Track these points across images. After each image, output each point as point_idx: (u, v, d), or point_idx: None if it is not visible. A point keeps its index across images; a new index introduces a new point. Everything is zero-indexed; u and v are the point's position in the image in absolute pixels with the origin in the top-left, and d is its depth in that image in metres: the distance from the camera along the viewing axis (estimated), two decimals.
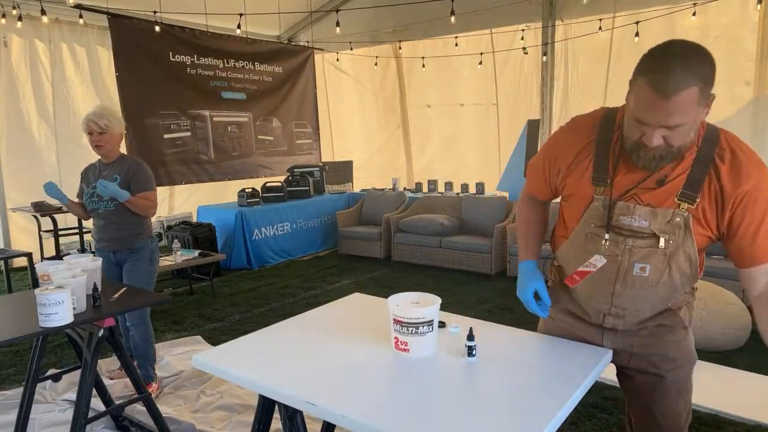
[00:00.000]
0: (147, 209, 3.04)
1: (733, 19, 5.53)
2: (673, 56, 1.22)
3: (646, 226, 1.37)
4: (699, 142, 1.33)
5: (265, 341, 1.61)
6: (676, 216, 1.34)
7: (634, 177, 1.38)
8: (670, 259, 1.38)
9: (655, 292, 1.43)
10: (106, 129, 2.93)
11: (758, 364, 3.31)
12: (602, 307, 1.52)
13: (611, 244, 1.42)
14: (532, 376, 1.35)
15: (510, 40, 6.92)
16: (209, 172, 6.93)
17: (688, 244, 1.36)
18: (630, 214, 1.38)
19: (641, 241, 1.39)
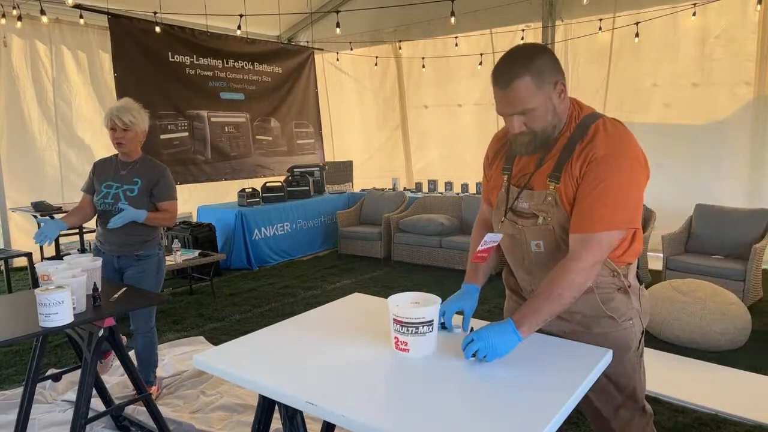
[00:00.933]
0: (167, 221, 2.88)
1: (734, 19, 5.53)
2: (508, 54, 1.45)
3: (526, 207, 1.54)
4: (571, 130, 1.48)
5: (265, 341, 1.61)
6: (547, 196, 1.49)
7: (526, 165, 1.57)
8: (557, 237, 1.51)
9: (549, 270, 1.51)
10: (130, 126, 2.71)
11: (758, 364, 3.31)
12: (525, 284, 1.70)
13: (509, 224, 1.60)
14: (532, 376, 1.35)
15: (510, 40, 6.92)
16: (206, 172, 6.93)
17: (563, 218, 1.48)
18: (517, 197, 1.57)
19: (527, 221, 1.55)
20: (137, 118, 2.74)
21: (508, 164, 1.63)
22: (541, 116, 1.44)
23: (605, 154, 1.40)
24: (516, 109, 1.43)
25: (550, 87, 1.42)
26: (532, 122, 1.45)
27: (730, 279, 4.17)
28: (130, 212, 2.68)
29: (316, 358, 1.47)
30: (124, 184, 2.78)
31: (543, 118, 1.44)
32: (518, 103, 1.41)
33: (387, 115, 8.52)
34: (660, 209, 5.48)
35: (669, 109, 5.99)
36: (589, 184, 1.41)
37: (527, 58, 1.41)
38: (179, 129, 6.60)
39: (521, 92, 1.40)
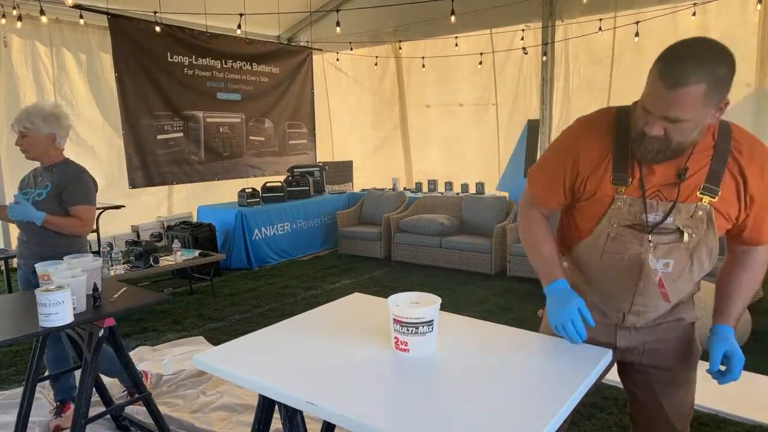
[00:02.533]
0: (73, 228, 2.61)
1: (734, 19, 5.53)
2: (689, 48, 1.22)
3: (670, 222, 1.38)
4: (715, 136, 1.35)
5: (265, 341, 1.61)
6: (698, 210, 1.35)
7: (656, 175, 1.38)
8: (692, 253, 1.40)
9: (675, 286, 1.46)
10: (27, 132, 2.55)
11: (758, 364, 3.31)
12: (623, 306, 1.52)
13: (632, 240, 1.41)
14: (532, 376, 1.35)
15: (510, 40, 6.92)
16: (199, 172, 6.95)
17: (711, 237, 1.38)
18: (654, 211, 1.38)
19: (665, 237, 1.39)
20: (35, 123, 2.55)
21: (621, 173, 1.39)
22: (688, 130, 1.26)
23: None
24: (669, 114, 1.24)
25: (715, 104, 1.24)
26: (675, 132, 1.26)
27: None
28: (26, 209, 2.49)
29: (316, 358, 1.47)
30: (37, 189, 2.63)
31: (688, 133, 1.27)
32: (677, 109, 1.22)
33: (386, 115, 8.52)
34: None
35: None
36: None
37: (712, 64, 1.19)
38: (175, 129, 6.61)
39: (687, 99, 1.20)
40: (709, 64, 1.19)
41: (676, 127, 1.25)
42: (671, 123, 1.25)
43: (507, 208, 5.87)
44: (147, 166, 6.33)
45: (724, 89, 1.22)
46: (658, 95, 1.24)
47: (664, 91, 1.22)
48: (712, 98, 1.21)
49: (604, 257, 1.47)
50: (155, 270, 4.60)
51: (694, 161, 1.34)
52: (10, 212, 2.52)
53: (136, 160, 6.21)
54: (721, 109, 1.26)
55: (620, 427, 2.64)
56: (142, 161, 6.27)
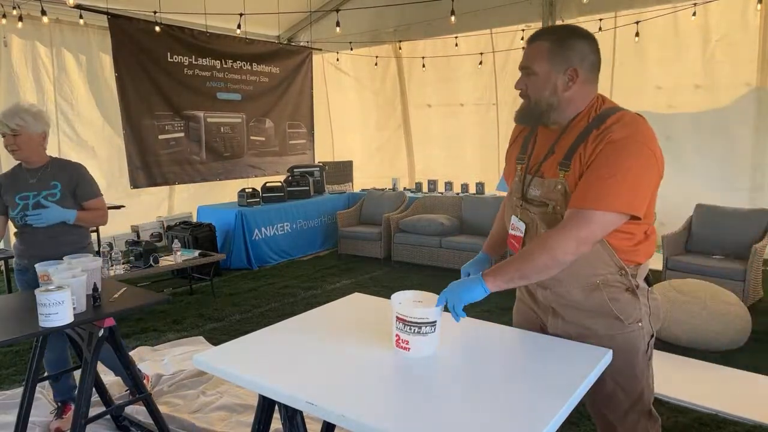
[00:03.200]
0: (99, 219, 2.67)
1: (734, 20, 5.54)
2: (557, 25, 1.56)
3: (538, 195, 1.54)
4: (589, 119, 1.48)
5: (265, 341, 1.61)
6: (557, 184, 1.48)
7: (539, 152, 1.58)
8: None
9: None
10: (18, 130, 2.47)
11: (758, 364, 3.31)
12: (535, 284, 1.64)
13: (522, 212, 1.60)
14: (532, 376, 1.35)
15: (510, 40, 6.92)
16: (200, 172, 6.96)
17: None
18: (529, 184, 1.57)
19: (537, 209, 1.55)
20: (27, 121, 2.50)
21: (522, 153, 1.65)
22: (539, 85, 1.49)
23: (621, 138, 1.38)
24: (523, 63, 1.51)
25: (560, 67, 1.46)
26: (531, 88, 1.50)
27: (730, 279, 4.17)
28: (57, 211, 2.49)
29: (316, 358, 1.47)
30: (42, 190, 2.56)
31: (540, 89, 1.49)
32: (527, 60, 1.50)
33: (387, 115, 8.52)
34: (660, 209, 5.47)
35: (671, 110, 5.99)
36: (597, 163, 1.39)
37: (564, 33, 1.49)
38: (176, 129, 6.61)
39: (534, 52, 1.49)
40: (558, 31, 1.50)
41: (531, 80, 1.49)
42: (528, 76, 1.50)
43: None
44: (149, 166, 6.33)
45: (569, 54, 1.46)
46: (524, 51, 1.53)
47: (526, 46, 1.53)
48: (557, 58, 1.46)
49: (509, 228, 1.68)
50: (155, 270, 4.60)
51: (563, 140, 1.51)
52: (43, 218, 2.46)
53: (137, 160, 6.21)
54: (571, 79, 1.46)
55: None
56: (143, 161, 6.27)
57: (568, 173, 1.45)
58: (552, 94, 1.48)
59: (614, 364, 1.49)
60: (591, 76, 1.51)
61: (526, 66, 1.50)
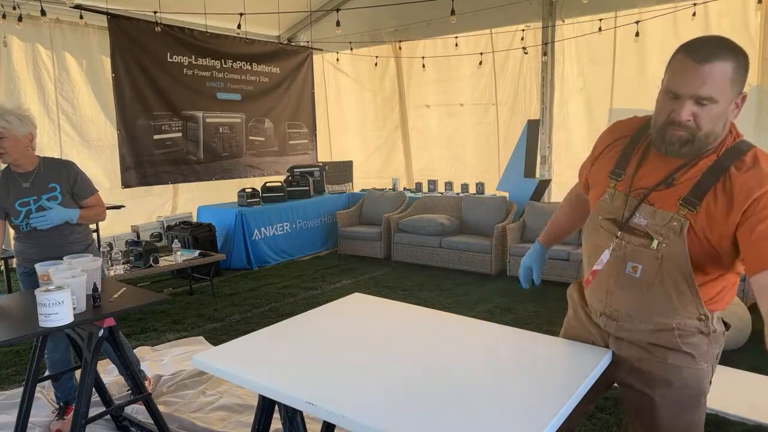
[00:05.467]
0: (99, 216, 2.69)
1: (734, 20, 5.53)
2: (712, 36, 1.27)
3: (643, 224, 1.37)
4: (720, 152, 1.31)
5: (265, 341, 1.61)
6: (673, 220, 1.32)
7: (652, 178, 1.38)
8: (662, 264, 1.35)
9: (648, 299, 1.40)
10: (3, 132, 2.40)
11: (758, 364, 3.31)
12: (598, 305, 1.53)
13: (609, 235, 1.44)
14: (533, 376, 1.35)
15: (510, 40, 6.92)
16: (197, 172, 6.94)
17: (681, 251, 1.32)
18: (632, 208, 1.39)
19: (635, 239, 1.38)
20: (11, 122, 2.42)
21: (620, 169, 1.43)
22: (715, 117, 1.25)
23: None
24: (702, 91, 1.22)
25: (737, 92, 1.26)
26: (703, 117, 1.25)
27: None
28: (61, 211, 2.49)
29: (316, 358, 1.47)
30: (42, 195, 2.53)
31: (715, 121, 1.26)
32: (708, 87, 1.22)
33: (387, 115, 8.52)
34: None
35: None
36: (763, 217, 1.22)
37: (737, 48, 1.25)
38: (173, 129, 6.60)
39: (717, 75, 1.22)
40: (732, 47, 1.24)
41: (705, 111, 1.24)
42: (701, 106, 1.24)
43: (507, 208, 5.87)
44: (141, 166, 6.31)
45: (743, 78, 1.24)
46: (689, 72, 1.23)
47: (697, 66, 1.22)
48: (737, 82, 1.23)
49: (590, 247, 1.51)
50: (155, 270, 4.60)
51: (688, 172, 1.33)
52: (47, 219, 2.45)
53: (129, 160, 6.18)
54: (738, 105, 1.27)
55: (620, 426, 2.64)
56: (136, 161, 6.25)
57: (694, 213, 1.29)
58: (723, 125, 1.28)
59: (680, 396, 1.44)
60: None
61: (708, 96, 1.22)
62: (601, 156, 1.51)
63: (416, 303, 2.56)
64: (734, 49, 1.24)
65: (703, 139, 1.28)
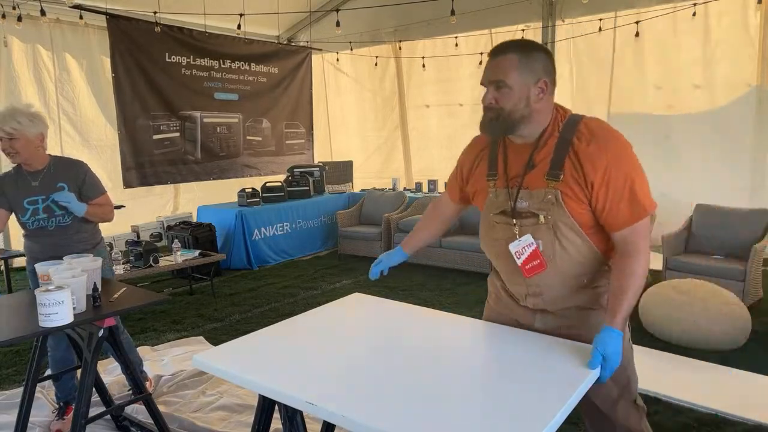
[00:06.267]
0: (107, 214, 2.68)
1: (734, 19, 5.53)
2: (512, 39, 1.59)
3: (525, 206, 1.57)
4: (559, 128, 1.55)
5: (265, 341, 1.61)
6: (547, 194, 1.52)
7: (518, 167, 1.60)
8: (555, 233, 1.53)
9: (559, 267, 1.56)
10: (15, 134, 2.41)
11: (758, 364, 3.31)
12: (520, 289, 1.67)
13: (504, 226, 1.62)
14: (532, 376, 1.35)
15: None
16: (195, 171, 6.94)
17: (564, 217, 1.52)
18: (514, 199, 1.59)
19: (526, 221, 1.57)
20: (23, 123, 2.44)
21: (492, 170, 1.67)
22: (513, 98, 1.51)
23: (616, 156, 1.47)
24: (494, 77, 1.52)
25: (531, 79, 1.50)
26: (503, 100, 1.52)
27: (730, 279, 4.17)
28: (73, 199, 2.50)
29: (316, 358, 1.47)
30: (50, 194, 2.55)
31: (514, 102, 1.51)
32: (498, 73, 1.51)
33: (386, 115, 8.52)
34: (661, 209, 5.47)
35: (671, 109, 5.99)
36: (618, 187, 1.47)
37: (526, 45, 1.54)
38: (171, 129, 6.60)
39: (505, 65, 1.50)
40: (521, 44, 1.53)
41: (502, 93, 1.51)
42: (498, 90, 1.52)
43: None
44: (142, 166, 6.32)
45: (538, 67, 1.50)
46: (488, 65, 1.55)
47: (491, 60, 1.54)
48: (527, 71, 1.49)
49: (491, 244, 1.69)
50: (155, 270, 4.60)
51: (541, 152, 1.55)
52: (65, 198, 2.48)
53: (130, 160, 6.19)
54: (543, 90, 1.51)
55: None
56: (136, 161, 6.25)
57: (560, 183, 1.51)
58: (526, 105, 1.52)
59: None
60: (554, 89, 1.56)
61: (497, 80, 1.51)
62: (473, 169, 1.74)
63: (416, 303, 2.56)
64: (524, 45, 1.52)
65: (507, 117, 1.52)
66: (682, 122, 5.94)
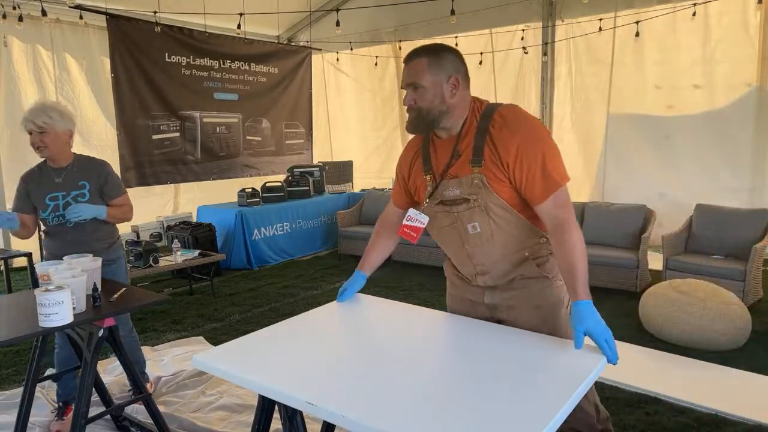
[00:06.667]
0: (127, 215, 2.72)
1: (734, 19, 5.53)
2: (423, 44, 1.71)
3: (458, 194, 1.70)
4: (477, 119, 1.67)
5: (265, 341, 1.61)
6: (474, 179, 1.66)
7: (443, 159, 1.74)
8: (488, 213, 1.67)
9: (499, 243, 1.72)
10: (46, 127, 2.47)
11: (758, 364, 3.31)
12: (470, 270, 1.82)
13: (443, 215, 1.76)
14: (532, 376, 1.35)
15: (510, 40, 6.92)
16: (195, 171, 6.94)
17: (494, 197, 1.65)
18: (446, 187, 1.72)
19: (460, 206, 1.71)
20: (54, 118, 2.50)
21: (427, 165, 1.80)
22: (428, 97, 1.65)
23: (525, 137, 1.60)
24: (409, 80, 1.67)
25: (443, 77, 1.64)
26: (420, 100, 1.66)
27: (730, 279, 4.17)
28: (89, 207, 2.54)
29: (316, 358, 1.47)
30: (71, 191, 2.59)
31: (429, 100, 1.65)
32: (413, 76, 1.66)
33: (386, 115, 8.52)
34: (661, 209, 5.48)
35: (671, 110, 5.99)
36: (530, 164, 1.59)
37: (434, 47, 1.68)
38: (171, 129, 6.60)
39: (417, 68, 1.65)
40: (430, 48, 1.67)
41: (419, 93, 1.65)
42: (415, 91, 1.65)
43: None
44: (141, 166, 6.31)
45: (447, 67, 1.64)
46: (403, 72, 1.70)
47: (405, 66, 1.69)
48: (437, 70, 1.63)
49: (437, 233, 1.83)
50: (155, 270, 4.60)
51: (464, 142, 1.69)
52: (75, 212, 2.49)
53: (129, 160, 6.19)
54: (455, 86, 1.65)
55: (620, 427, 2.64)
56: (135, 161, 6.25)
57: (482, 167, 1.64)
58: (441, 102, 1.65)
59: (545, 314, 1.74)
60: (467, 83, 1.69)
61: (412, 82, 1.66)
62: (411, 168, 1.87)
63: (416, 303, 2.56)
64: (433, 49, 1.66)
65: (427, 114, 1.66)
66: (681, 122, 5.94)
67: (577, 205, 5.37)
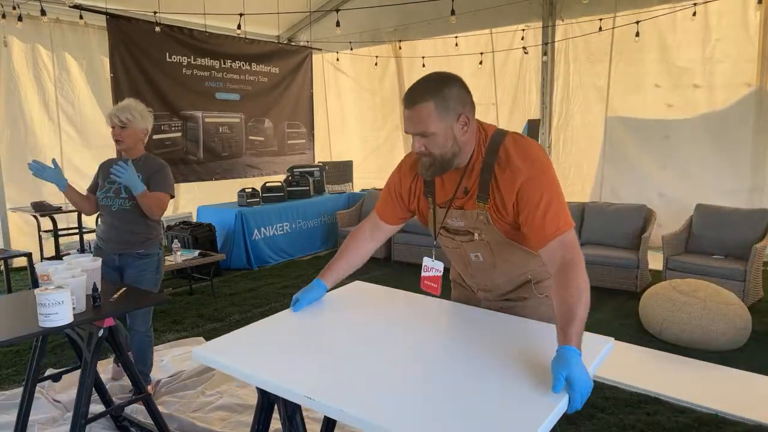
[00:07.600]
0: (153, 208, 2.84)
1: (734, 20, 5.53)
2: (420, 80, 1.55)
3: (462, 226, 1.68)
4: (483, 154, 1.60)
5: (264, 334, 1.61)
6: (479, 215, 1.63)
7: (449, 188, 1.69)
8: (491, 247, 1.67)
9: (500, 271, 1.73)
10: (126, 123, 2.80)
11: (758, 364, 3.31)
12: (471, 283, 1.88)
13: (447, 239, 1.76)
14: (532, 369, 1.34)
15: (510, 40, 6.92)
16: (197, 171, 6.93)
17: (496, 234, 1.63)
18: (450, 217, 1.70)
19: (464, 237, 1.70)
20: (135, 116, 2.82)
21: (429, 188, 1.75)
22: (440, 142, 1.54)
23: (530, 176, 1.52)
24: (417, 130, 1.53)
25: (452, 118, 1.52)
26: (432, 146, 1.54)
27: (730, 279, 4.17)
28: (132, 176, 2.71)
29: (315, 351, 1.47)
30: None
31: (442, 145, 1.54)
32: (420, 125, 1.52)
33: (386, 115, 8.52)
34: (661, 209, 5.48)
35: (671, 109, 5.99)
36: (533, 204, 1.52)
37: (436, 85, 1.51)
38: (173, 129, 6.59)
39: (423, 115, 1.50)
40: (432, 86, 1.51)
41: (430, 140, 1.53)
42: (425, 138, 1.53)
43: None
44: None
45: (454, 106, 1.51)
46: (406, 117, 1.55)
47: (407, 111, 1.53)
48: (446, 112, 1.50)
49: (444, 249, 1.84)
50: None
51: (470, 177, 1.62)
52: (119, 172, 2.67)
53: None
54: (465, 123, 1.54)
55: (620, 427, 2.64)
56: None
57: (488, 205, 1.60)
58: (454, 143, 1.56)
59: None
60: (473, 113, 1.58)
61: (420, 132, 1.53)
62: (411, 189, 1.80)
63: None
64: (433, 89, 1.50)
65: (440, 159, 1.57)
66: (681, 122, 5.94)
67: (577, 205, 5.37)
